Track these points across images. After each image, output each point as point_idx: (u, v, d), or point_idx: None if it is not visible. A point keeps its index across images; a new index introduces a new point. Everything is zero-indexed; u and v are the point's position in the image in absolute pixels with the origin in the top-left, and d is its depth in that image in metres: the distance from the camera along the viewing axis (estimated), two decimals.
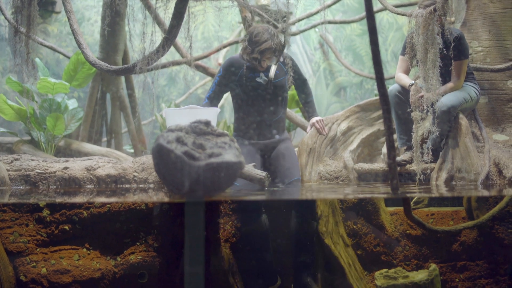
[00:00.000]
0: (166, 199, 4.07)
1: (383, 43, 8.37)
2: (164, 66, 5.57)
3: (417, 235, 4.31)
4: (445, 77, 4.73)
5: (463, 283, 4.31)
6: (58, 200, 3.93)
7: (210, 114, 3.70)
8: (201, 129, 2.79)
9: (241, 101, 4.44)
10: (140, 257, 3.95)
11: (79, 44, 4.55)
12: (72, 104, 6.16)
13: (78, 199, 3.98)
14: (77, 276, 3.85)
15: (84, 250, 3.94)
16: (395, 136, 5.04)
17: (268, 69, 4.42)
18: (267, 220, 4.08)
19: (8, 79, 5.93)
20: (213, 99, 4.43)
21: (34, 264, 3.84)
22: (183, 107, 4.03)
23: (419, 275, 3.91)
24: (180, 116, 3.66)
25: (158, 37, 4.15)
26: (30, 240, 3.89)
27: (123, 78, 6.51)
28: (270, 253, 4.13)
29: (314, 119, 4.80)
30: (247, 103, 4.42)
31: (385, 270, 3.98)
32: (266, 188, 3.77)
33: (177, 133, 2.66)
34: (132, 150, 6.65)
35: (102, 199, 4.01)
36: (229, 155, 2.54)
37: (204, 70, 6.42)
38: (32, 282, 3.80)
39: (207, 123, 2.84)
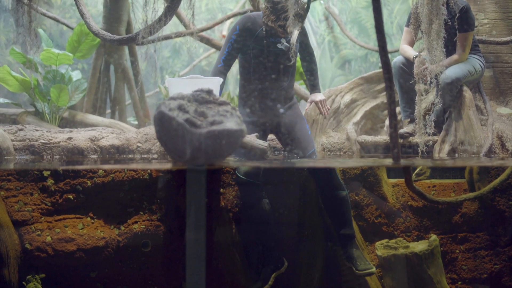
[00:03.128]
0: (168, 166, 4.10)
1: (388, 15, 8.29)
2: (167, 37, 5.54)
3: (419, 206, 4.33)
4: (450, 49, 4.69)
5: (463, 254, 4.35)
6: (62, 167, 3.96)
7: (213, 84, 3.69)
8: (203, 98, 2.79)
9: (254, 66, 4.11)
10: (143, 226, 4.00)
11: (82, 14, 4.53)
12: (76, 75, 6.16)
13: (82, 168, 4.01)
14: (81, 245, 3.91)
15: (88, 219, 3.99)
16: (398, 109, 5.03)
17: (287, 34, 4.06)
18: (267, 204, 4.01)
19: (12, 50, 5.92)
20: (228, 60, 4.08)
21: (39, 232, 3.90)
22: (185, 77, 4.02)
23: (420, 246, 3.95)
24: (183, 86, 3.65)
25: (161, 6, 4.12)
26: (34, 209, 3.93)
27: (126, 50, 6.50)
28: (272, 235, 4.09)
29: (317, 98, 4.41)
30: (262, 69, 4.10)
31: (385, 240, 4.02)
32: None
33: (179, 101, 2.66)
34: (136, 122, 6.67)
35: (106, 167, 4.04)
36: (231, 123, 2.55)
37: (208, 42, 6.39)
38: (37, 250, 3.86)
39: (209, 92, 2.84)
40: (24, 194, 3.94)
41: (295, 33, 4.07)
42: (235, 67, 4.68)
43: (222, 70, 4.05)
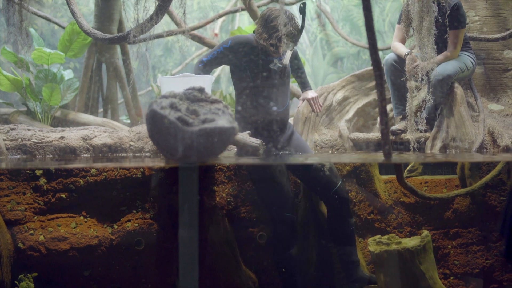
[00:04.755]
0: (160, 164, 4.10)
1: (380, 13, 8.31)
2: (159, 36, 5.52)
3: (411, 202, 4.36)
4: (441, 47, 4.72)
5: (455, 249, 4.38)
6: (54, 166, 3.96)
7: (204, 82, 3.69)
8: (195, 96, 2.80)
9: (249, 86, 4.07)
10: (136, 224, 4.00)
11: (73, 13, 4.52)
12: (68, 74, 6.14)
13: (74, 166, 4.01)
14: (74, 243, 3.91)
15: (81, 218, 3.99)
16: (389, 106, 5.06)
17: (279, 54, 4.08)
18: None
19: (3, 49, 5.89)
20: (210, 65, 4.09)
21: (32, 231, 3.89)
22: (177, 75, 4.02)
23: (412, 241, 3.97)
24: (175, 84, 3.65)
25: (152, 4, 4.11)
26: (27, 208, 3.93)
27: (118, 49, 6.48)
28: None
29: (309, 95, 4.40)
30: (257, 89, 4.05)
31: (378, 236, 4.03)
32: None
33: (171, 100, 2.67)
34: (128, 121, 6.66)
35: (98, 166, 4.04)
36: (223, 121, 2.55)
37: (200, 40, 6.37)
38: (30, 249, 3.86)
39: (201, 90, 2.85)
40: (16, 193, 3.93)
41: (288, 54, 4.07)
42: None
43: (202, 70, 4.05)
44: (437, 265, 4.18)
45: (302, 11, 4.02)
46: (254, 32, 4.10)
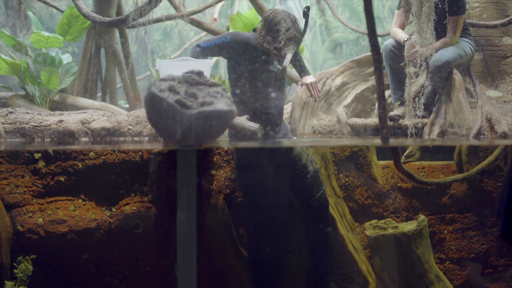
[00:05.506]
0: (158, 147, 4.11)
1: None
2: (158, 20, 5.50)
3: (408, 188, 4.38)
4: (440, 32, 4.71)
5: (451, 234, 4.41)
6: (53, 148, 3.97)
7: (203, 65, 3.69)
8: (194, 79, 2.80)
9: (243, 80, 4.08)
10: (135, 208, 4.02)
11: None
12: (66, 58, 6.11)
13: (73, 148, 4.02)
14: (73, 226, 3.93)
15: (80, 201, 4.00)
16: (388, 92, 5.06)
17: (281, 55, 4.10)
18: None
19: (1, 33, 5.87)
20: (206, 52, 4.11)
21: (31, 214, 3.91)
22: (176, 59, 4.01)
23: (408, 226, 4.00)
24: (173, 67, 3.65)
25: None
26: (26, 191, 3.94)
27: (117, 33, 6.46)
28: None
29: (308, 80, 4.42)
30: (253, 88, 4.08)
31: (375, 220, 4.07)
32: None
33: (170, 82, 2.67)
34: (127, 106, 6.65)
35: (97, 148, 4.05)
36: (221, 104, 2.56)
37: (199, 25, 6.35)
38: (29, 232, 3.88)
39: (200, 73, 2.85)
40: (15, 176, 3.95)
41: (288, 57, 4.09)
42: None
43: (200, 54, 4.06)
44: (433, 250, 4.22)
45: (306, 15, 4.08)
46: (253, 30, 4.11)
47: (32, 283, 3.82)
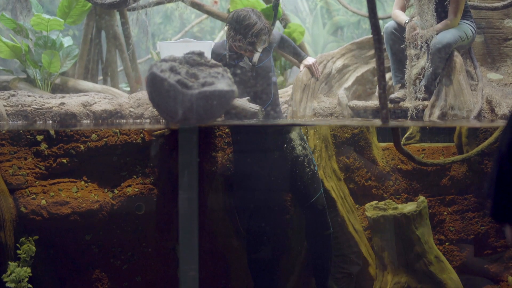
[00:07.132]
0: (160, 128, 4.14)
1: None
2: (159, 2, 5.50)
3: (408, 169, 4.41)
4: (441, 14, 4.70)
5: (451, 216, 4.44)
6: (56, 129, 3.99)
7: (204, 46, 3.71)
8: (195, 60, 2.81)
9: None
10: (137, 189, 4.05)
11: None
12: (67, 41, 6.10)
13: (75, 129, 4.04)
14: (76, 208, 3.96)
15: (82, 182, 4.03)
16: (388, 75, 5.06)
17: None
18: None
19: (2, 15, 5.85)
20: None
21: (34, 196, 3.94)
22: (177, 40, 4.02)
23: (408, 207, 4.03)
24: (174, 49, 3.66)
25: None
26: (29, 173, 3.97)
27: (118, 16, 6.44)
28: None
29: (309, 61, 4.56)
30: (239, 89, 4.01)
31: (375, 202, 4.09)
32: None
33: (171, 63, 2.68)
34: (128, 89, 6.66)
35: (99, 131, 4.07)
36: (222, 84, 2.57)
37: (200, 8, 6.32)
38: (32, 213, 3.91)
39: (201, 54, 2.86)
40: (18, 158, 3.97)
41: (257, 54, 4.12)
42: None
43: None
44: (432, 231, 4.26)
45: (275, 7, 4.20)
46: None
47: (35, 264, 3.87)
